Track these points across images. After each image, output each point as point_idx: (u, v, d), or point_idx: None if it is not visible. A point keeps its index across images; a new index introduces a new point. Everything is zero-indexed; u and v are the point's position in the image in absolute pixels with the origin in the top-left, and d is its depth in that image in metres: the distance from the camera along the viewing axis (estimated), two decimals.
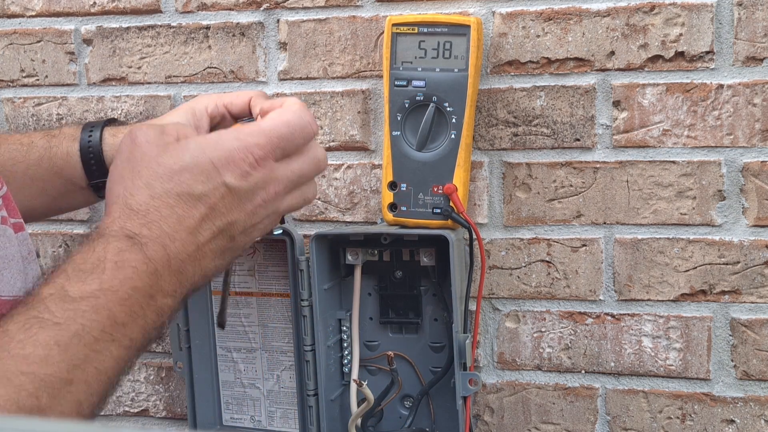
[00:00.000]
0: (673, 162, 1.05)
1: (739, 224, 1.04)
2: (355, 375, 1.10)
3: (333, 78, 1.13)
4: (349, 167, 1.14)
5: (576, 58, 1.06)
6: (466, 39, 1.03)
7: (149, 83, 1.19)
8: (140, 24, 1.18)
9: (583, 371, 1.10)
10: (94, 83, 1.21)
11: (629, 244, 1.07)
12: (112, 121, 0.95)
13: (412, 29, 1.05)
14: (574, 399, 1.11)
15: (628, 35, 1.04)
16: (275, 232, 1.03)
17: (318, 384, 1.08)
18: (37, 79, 1.23)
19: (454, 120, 1.04)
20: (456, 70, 1.03)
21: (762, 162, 1.02)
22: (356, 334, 1.11)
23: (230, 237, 0.73)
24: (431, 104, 1.04)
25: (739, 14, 1.01)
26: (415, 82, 1.05)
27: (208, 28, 1.16)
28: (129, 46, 1.19)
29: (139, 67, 1.19)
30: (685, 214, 1.05)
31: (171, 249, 0.69)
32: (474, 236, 1.05)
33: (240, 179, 0.72)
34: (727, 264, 1.04)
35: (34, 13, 1.22)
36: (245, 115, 0.93)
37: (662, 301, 1.07)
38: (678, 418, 1.08)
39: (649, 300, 1.07)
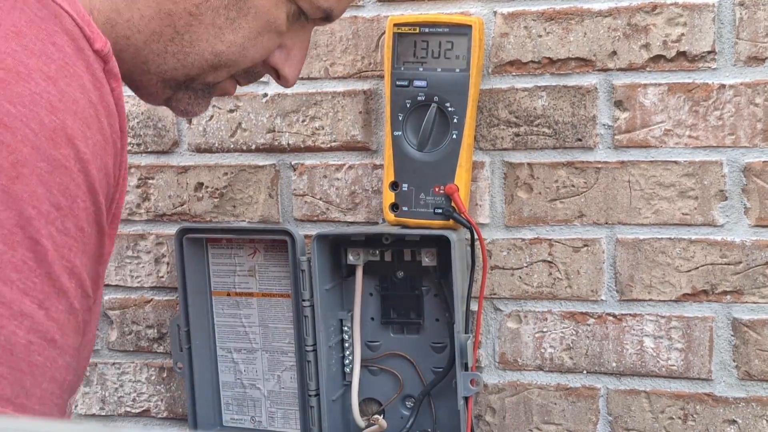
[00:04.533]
0: (675, 162, 1.05)
1: (741, 224, 1.04)
2: (356, 375, 1.10)
3: (334, 78, 1.13)
4: (350, 167, 1.14)
5: (577, 58, 1.06)
6: (467, 39, 1.03)
7: None
8: None
9: (584, 371, 1.10)
10: None
11: (631, 244, 1.07)
12: None
13: (414, 29, 1.05)
14: (575, 399, 1.11)
15: (629, 35, 1.04)
16: None
17: (319, 384, 1.08)
18: None
19: (455, 120, 1.04)
20: (457, 70, 1.03)
21: (764, 162, 1.02)
22: (358, 335, 1.11)
23: None
24: (433, 104, 1.04)
25: (740, 14, 1.01)
26: (416, 82, 1.05)
27: None
28: None
29: None
30: (686, 214, 1.05)
31: None
32: (475, 236, 1.05)
33: None
34: (728, 264, 1.04)
35: None
36: None
37: (664, 301, 1.07)
38: (680, 418, 1.08)
39: (650, 300, 1.07)
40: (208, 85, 0.84)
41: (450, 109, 1.04)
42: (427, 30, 1.04)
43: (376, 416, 1.10)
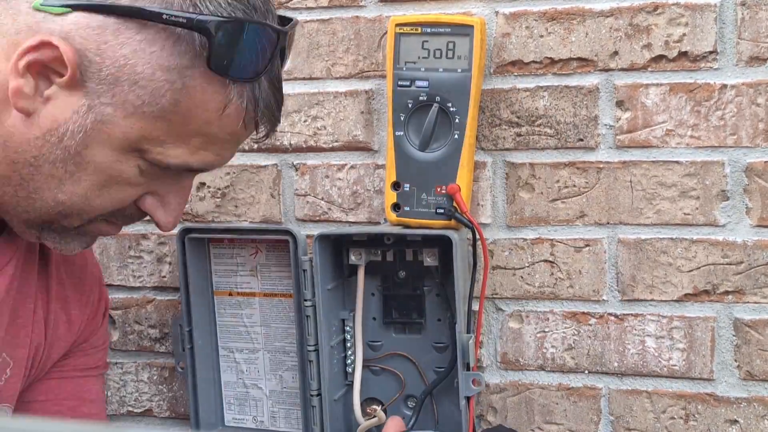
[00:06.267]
0: (677, 162, 1.05)
1: (743, 224, 1.04)
2: (358, 375, 1.10)
3: (336, 78, 1.13)
4: (352, 167, 1.14)
5: (579, 58, 1.06)
6: (469, 39, 1.03)
7: None
8: None
9: (586, 371, 1.10)
10: None
11: (632, 245, 1.07)
12: None
13: (416, 29, 1.05)
14: (577, 399, 1.11)
15: (631, 35, 1.04)
16: None
17: (321, 384, 1.08)
18: None
19: (457, 120, 1.04)
20: (459, 70, 1.04)
21: (765, 162, 1.02)
22: (359, 335, 1.11)
23: None
24: (434, 104, 1.04)
25: (742, 14, 1.01)
26: (418, 83, 1.05)
27: None
28: None
29: None
30: (688, 214, 1.05)
31: None
32: (477, 236, 1.05)
33: None
34: (730, 264, 1.04)
35: None
36: None
37: (665, 301, 1.07)
38: (681, 418, 1.08)
39: (652, 300, 1.07)
40: (70, 227, 0.87)
41: (452, 109, 1.04)
42: (429, 30, 1.04)
43: (374, 407, 1.09)
